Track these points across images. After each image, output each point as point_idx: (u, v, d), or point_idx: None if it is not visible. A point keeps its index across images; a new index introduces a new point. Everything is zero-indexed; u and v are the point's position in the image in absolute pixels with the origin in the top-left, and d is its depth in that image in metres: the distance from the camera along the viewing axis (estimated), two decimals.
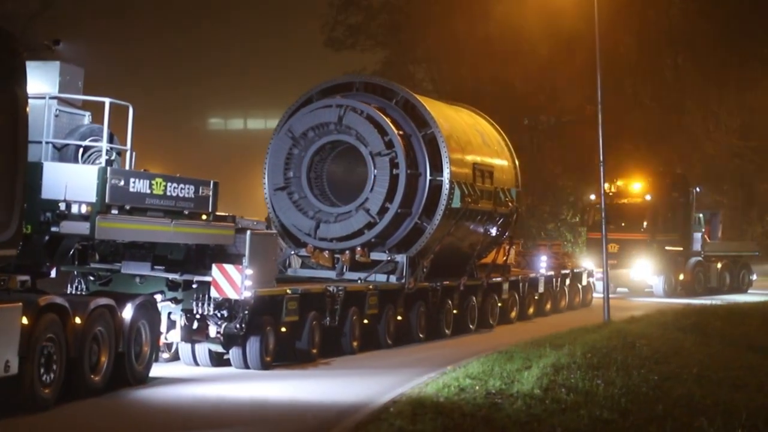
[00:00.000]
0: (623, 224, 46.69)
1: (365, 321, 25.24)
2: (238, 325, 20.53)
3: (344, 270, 27.31)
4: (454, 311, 29.44)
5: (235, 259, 20.79)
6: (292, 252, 28.05)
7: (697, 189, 48.56)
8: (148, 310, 19.16)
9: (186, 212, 19.40)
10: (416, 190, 27.36)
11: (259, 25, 71.25)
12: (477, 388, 17.53)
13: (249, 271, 20.36)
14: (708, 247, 48.43)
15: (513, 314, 33.55)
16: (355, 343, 24.57)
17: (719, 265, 48.79)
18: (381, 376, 21.38)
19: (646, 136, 60.23)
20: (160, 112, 61.18)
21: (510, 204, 31.33)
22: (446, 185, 27.41)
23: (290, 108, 28.52)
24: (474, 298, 30.50)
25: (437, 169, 27.56)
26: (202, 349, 21.29)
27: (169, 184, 18.93)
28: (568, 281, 39.00)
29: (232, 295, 20.24)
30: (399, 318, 26.75)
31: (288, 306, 22.01)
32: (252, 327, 20.89)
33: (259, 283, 20.96)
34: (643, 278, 46.33)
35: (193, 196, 19.52)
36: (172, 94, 68.71)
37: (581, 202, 50.14)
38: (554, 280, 37.47)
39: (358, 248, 27.00)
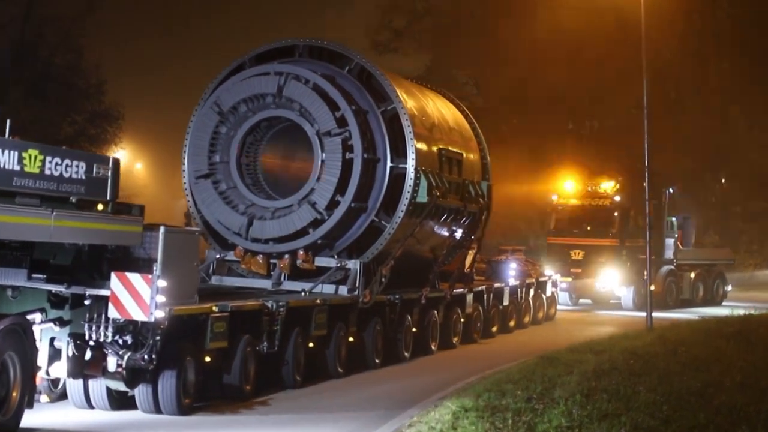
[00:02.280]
0: (588, 228, 41.73)
1: (311, 344, 19.86)
2: (146, 356, 15.04)
3: (282, 279, 22.02)
4: (414, 329, 24.18)
5: (144, 265, 15.32)
6: (218, 256, 22.59)
7: (671, 189, 43.70)
8: (19, 337, 13.63)
9: (74, 200, 13.91)
10: (374, 180, 22.10)
11: (300, 28, 66.75)
12: (519, 392, 16.95)
13: (162, 283, 14.85)
14: (681, 255, 43.55)
15: (476, 333, 28.31)
16: (298, 376, 19.18)
17: (692, 275, 43.95)
18: (335, 422, 16.34)
19: (689, 140, 59.02)
20: None
21: (481, 200, 26.13)
22: (411, 174, 22.15)
23: (218, 76, 23.10)
24: (436, 312, 25.27)
25: (399, 154, 22.31)
26: (98, 387, 15.74)
27: (48, 158, 13.45)
28: (532, 292, 33.87)
29: (138, 315, 14.72)
30: (351, 339, 21.42)
31: (214, 328, 16.54)
32: (165, 358, 15.43)
33: (175, 298, 15.47)
34: (610, 289, 41.28)
35: (84, 177, 14.05)
36: None
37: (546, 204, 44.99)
38: (519, 290, 32.34)
39: (301, 252, 21.67)
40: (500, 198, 30.03)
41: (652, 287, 41.72)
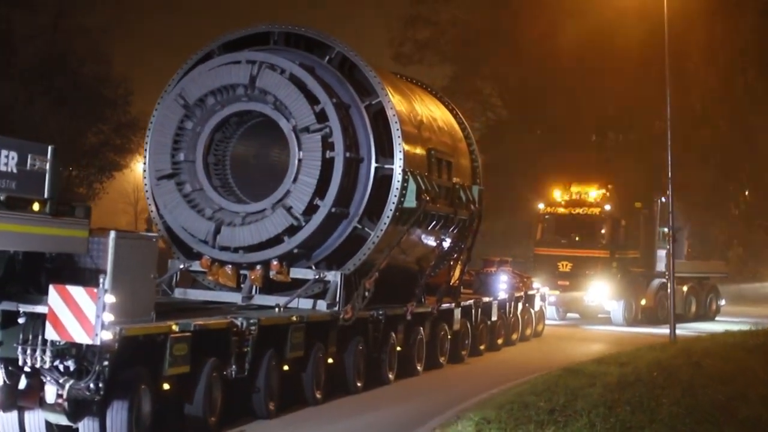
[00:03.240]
0: (577, 239, 39.49)
1: (285, 368, 17.48)
2: (92, 385, 12.69)
3: (254, 292, 19.68)
4: (398, 348, 21.85)
5: (91, 277, 12.96)
6: (182, 266, 20.21)
7: (662, 199, 41.43)
8: None
9: (2, 197, 11.53)
10: (356, 182, 19.77)
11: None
12: (542, 404, 16.73)
13: (110, 298, 12.46)
14: None
15: (464, 351, 26.01)
16: (272, 404, 16.81)
17: (685, 288, 41.71)
18: None
19: (714, 153, 58.50)
20: None
21: (472, 206, 23.85)
22: (398, 176, 19.84)
23: (184, 66, 20.77)
24: (422, 329, 22.94)
25: (385, 153, 20.01)
26: (35, 420, 13.37)
27: None
28: (520, 306, 31.58)
29: (81, 337, 12.35)
30: (330, 361, 19.06)
31: (174, 351, 14.14)
32: (115, 386, 13.07)
33: (127, 316, 13.13)
34: (599, 303, 39.00)
35: (15, 170, 11.66)
36: None
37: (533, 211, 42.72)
38: (508, 305, 30.06)
39: (274, 262, 19.33)
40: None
41: (643, 301, 40.18)
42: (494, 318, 28.52)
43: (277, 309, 18.48)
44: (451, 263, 24.53)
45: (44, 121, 40.62)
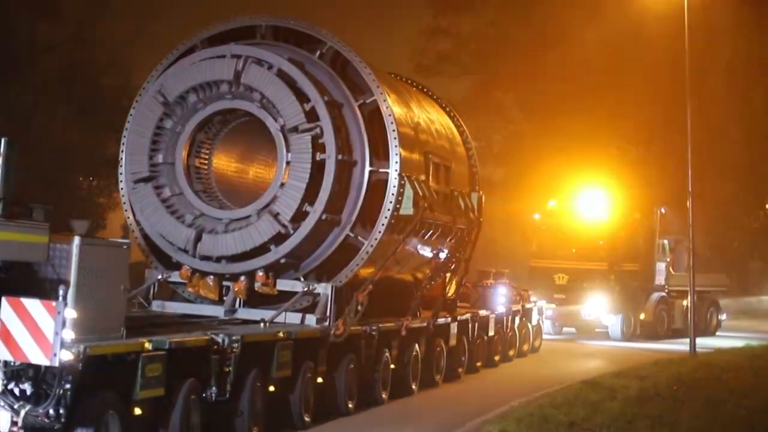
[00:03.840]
0: (574, 250, 38.04)
1: (271, 389, 15.97)
2: (52, 411, 11.21)
3: (237, 305, 18.18)
4: (392, 366, 20.37)
5: (52, 289, 11.45)
6: (160, 277, 18.72)
7: (662, 210, 40.07)
8: None
9: None
10: (349, 187, 18.31)
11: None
12: (561, 417, 16.83)
13: (71, 313, 10.97)
14: (673, 281, 39.89)
15: (460, 369, 24.56)
16: (256, 429, 15.31)
17: (684, 303, 40.15)
18: None
19: (732, 166, 57.79)
20: None
21: (471, 214, 22.41)
22: (394, 181, 18.39)
23: (164, 61, 19.32)
24: (417, 346, 21.48)
25: (380, 156, 18.55)
26: None
27: None
28: (517, 320, 30.12)
29: (37, 357, 10.85)
30: (320, 380, 17.57)
31: (146, 372, 12.63)
32: (79, 412, 11.55)
33: (93, 332, 11.65)
34: (597, 317, 37.52)
35: None
36: None
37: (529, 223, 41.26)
38: (505, 319, 28.61)
39: (260, 273, 17.85)
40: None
41: (641, 315, 38.76)
42: (491, 333, 27.10)
43: (262, 324, 16.98)
44: (448, 275, 23.07)
45: (65, 130, 40.35)
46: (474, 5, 60.56)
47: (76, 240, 11.58)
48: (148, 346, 12.76)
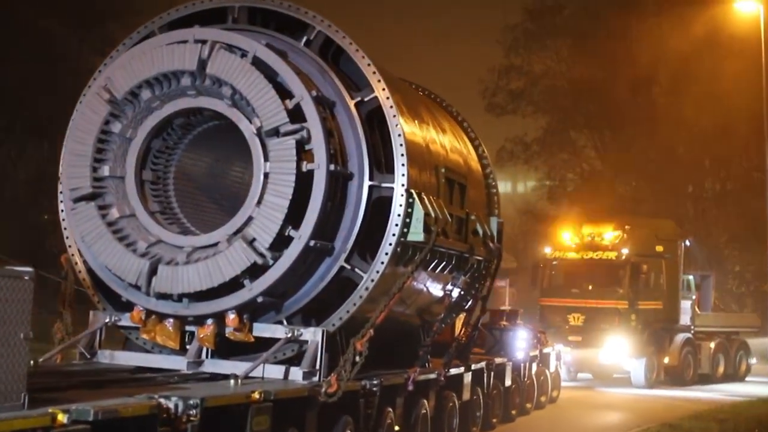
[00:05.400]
0: (590, 287, 34.30)
1: None
2: None
3: (203, 356, 14.40)
4: (397, 428, 16.52)
5: None
6: (107, 320, 14.96)
7: (687, 242, 36.43)
8: None
9: None
10: (344, 206, 14.56)
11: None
12: None
13: None
14: (699, 321, 36.20)
15: (475, 427, 20.76)
16: None
17: (712, 345, 36.52)
18: None
19: None
20: None
21: (490, 243, 18.65)
22: (399, 199, 14.63)
23: (114, 53, 15.67)
24: (426, 402, 17.64)
25: (382, 168, 14.83)
26: None
27: None
28: (535, 367, 26.33)
29: None
30: None
31: None
32: None
33: None
34: (617, 361, 33.72)
35: None
36: None
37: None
38: (523, 366, 24.86)
39: (232, 315, 14.08)
40: None
41: (666, 359, 35.07)
42: (508, 383, 23.33)
43: (232, 381, 13.18)
44: (464, 315, 19.36)
45: None
46: (546, 44, 60.46)
47: None
48: (62, 418, 9.04)
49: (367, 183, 14.56)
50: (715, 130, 51.93)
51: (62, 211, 15.32)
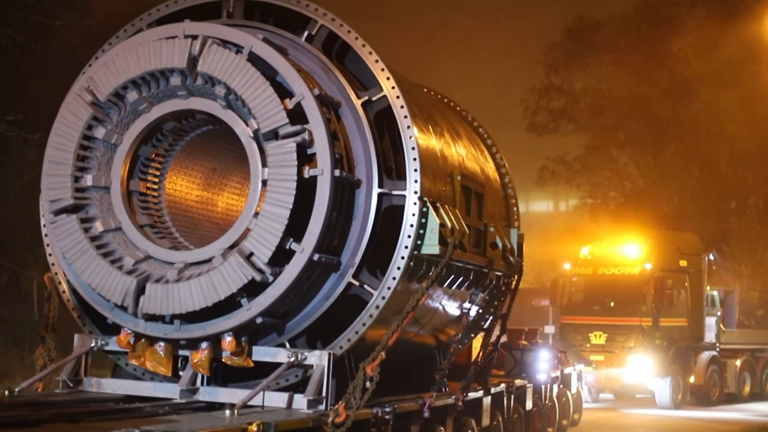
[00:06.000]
0: (612, 304, 32.95)
1: None
2: None
3: (198, 383, 13.06)
4: None
5: None
6: (93, 344, 13.67)
7: (711, 256, 35.08)
8: None
9: None
10: (350, 216, 13.22)
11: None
12: None
13: None
14: (724, 338, 34.82)
15: None
16: None
17: (738, 363, 35.15)
18: None
19: None
20: None
21: (510, 257, 17.29)
22: (412, 207, 13.28)
23: (100, 53, 14.41)
24: (443, 429, 16.25)
25: (392, 174, 13.50)
26: None
27: None
28: (556, 389, 24.91)
29: None
30: None
31: None
32: None
33: None
34: (641, 381, 32.32)
35: None
36: None
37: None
38: (544, 388, 23.46)
39: (228, 337, 12.73)
40: None
41: (691, 378, 33.67)
42: (529, 406, 21.92)
43: (228, 411, 11.81)
44: (481, 335, 18.02)
45: None
46: (586, 62, 60.18)
47: None
48: None
49: (376, 190, 13.23)
50: (758, 147, 51.45)
51: (43, 225, 14.02)
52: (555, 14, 66.04)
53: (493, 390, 18.89)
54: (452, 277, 15.12)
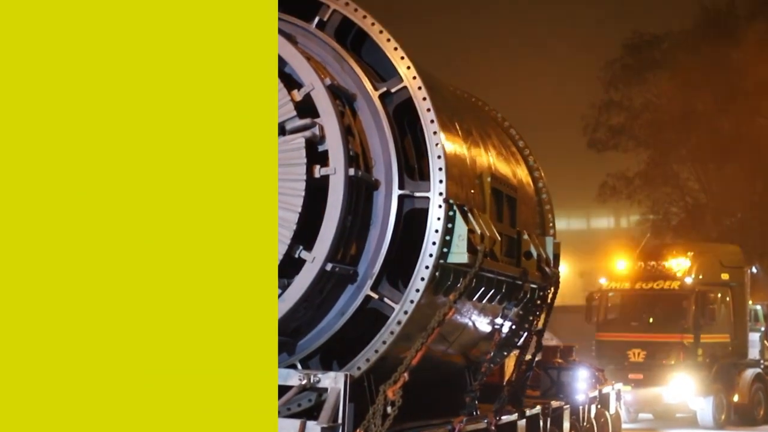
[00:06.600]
0: (651, 320, 31.55)
1: None
2: None
3: None
4: None
5: None
6: None
7: (753, 269, 33.66)
8: None
9: None
10: (368, 221, 11.88)
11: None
12: None
13: None
14: None
15: None
16: None
17: None
18: None
19: None
20: None
21: (546, 268, 15.89)
22: (438, 211, 11.90)
23: None
24: None
25: (415, 175, 12.14)
26: None
27: None
28: (594, 409, 23.49)
29: None
30: None
31: None
32: None
33: None
34: (682, 400, 30.85)
35: None
36: None
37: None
38: (582, 409, 22.05)
39: None
40: None
41: (735, 397, 32.19)
42: (566, 428, 20.51)
43: None
44: (515, 353, 16.66)
45: None
46: (646, 77, 59.61)
47: None
48: None
49: (396, 192, 11.86)
50: None
51: None
52: (611, 31, 64.62)
53: (528, 412, 17.49)
54: (482, 289, 13.71)
